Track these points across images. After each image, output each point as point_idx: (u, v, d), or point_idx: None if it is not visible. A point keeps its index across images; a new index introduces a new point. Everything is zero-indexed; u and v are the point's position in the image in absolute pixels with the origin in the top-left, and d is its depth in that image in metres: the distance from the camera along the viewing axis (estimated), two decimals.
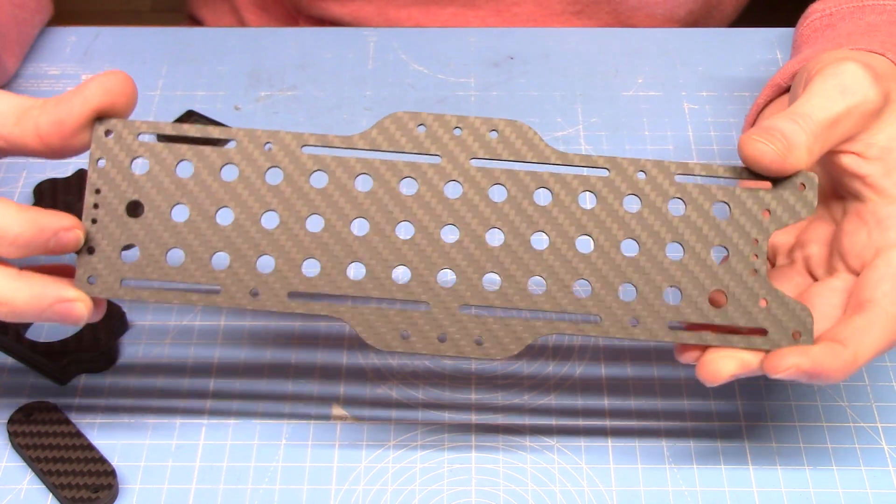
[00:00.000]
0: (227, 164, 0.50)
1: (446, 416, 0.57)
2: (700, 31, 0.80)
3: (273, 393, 0.58)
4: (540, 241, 0.50)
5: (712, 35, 0.80)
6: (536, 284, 0.50)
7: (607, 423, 0.57)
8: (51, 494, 0.54)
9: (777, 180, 0.50)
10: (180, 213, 0.50)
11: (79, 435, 0.55)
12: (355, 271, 0.51)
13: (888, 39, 0.56)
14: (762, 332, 0.50)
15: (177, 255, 0.50)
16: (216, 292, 0.50)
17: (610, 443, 0.56)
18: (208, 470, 0.55)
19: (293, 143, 0.50)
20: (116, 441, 0.56)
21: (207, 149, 0.50)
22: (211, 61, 0.77)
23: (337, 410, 0.57)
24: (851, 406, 0.58)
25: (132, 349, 0.60)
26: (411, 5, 0.81)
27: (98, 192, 0.50)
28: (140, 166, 0.50)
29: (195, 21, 0.92)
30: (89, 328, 0.59)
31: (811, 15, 0.65)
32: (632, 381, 0.59)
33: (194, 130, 0.50)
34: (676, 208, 0.50)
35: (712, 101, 0.74)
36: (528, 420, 0.57)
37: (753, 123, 0.60)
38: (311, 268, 0.51)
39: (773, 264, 0.56)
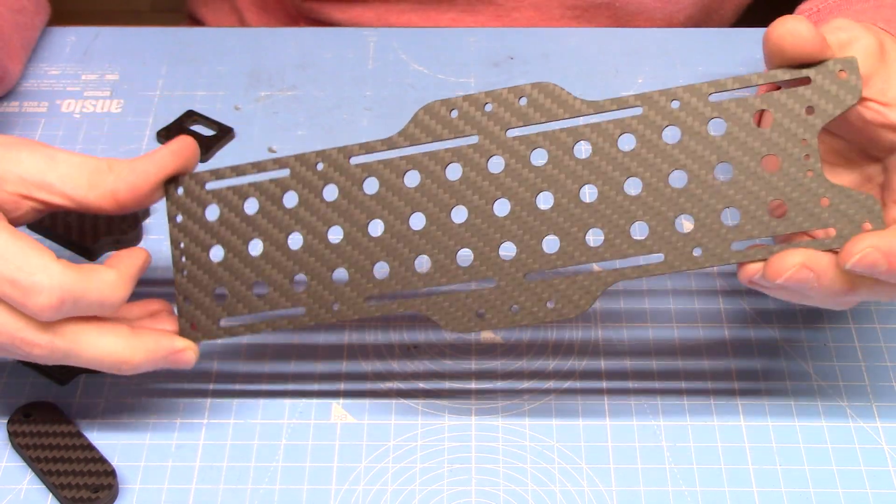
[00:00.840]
0: (286, 191, 0.53)
1: (446, 415, 0.57)
2: (700, 31, 0.80)
3: (273, 393, 0.58)
4: (589, 193, 0.51)
5: (712, 35, 0.80)
6: (595, 236, 0.51)
7: (607, 422, 0.57)
8: (51, 494, 0.54)
9: (814, 70, 0.49)
10: (255, 248, 0.53)
11: (79, 435, 0.55)
12: (422, 264, 0.52)
13: (877, 14, 0.57)
14: (831, 232, 0.49)
15: (261, 287, 0.53)
16: (300, 313, 0.53)
17: (609, 443, 0.56)
18: (208, 470, 0.55)
19: (340, 157, 0.52)
20: (116, 441, 0.56)
21: (267, 182, 0.53)
22: (211, 61, 0.77)
23: (337, 410, 0.57)
24: (851, 406, 0.58)
25: None
26: (411, 11, 0.81)
27: (181, 245, 0.53)
28: (211, 212, 0.53)
29: (195, 21, 0.92)
30: None
31: (800, 14, 0.65)
32: (631, 381, 0.59)
33: (248, 168, 0.53)
34: (718, 128, 0.50)
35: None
36: (528, 420, 0.57)
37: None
38: (381, 270, 0.52)
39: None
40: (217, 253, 0.53)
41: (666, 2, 0.81)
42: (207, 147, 0.70)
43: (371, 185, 0.52)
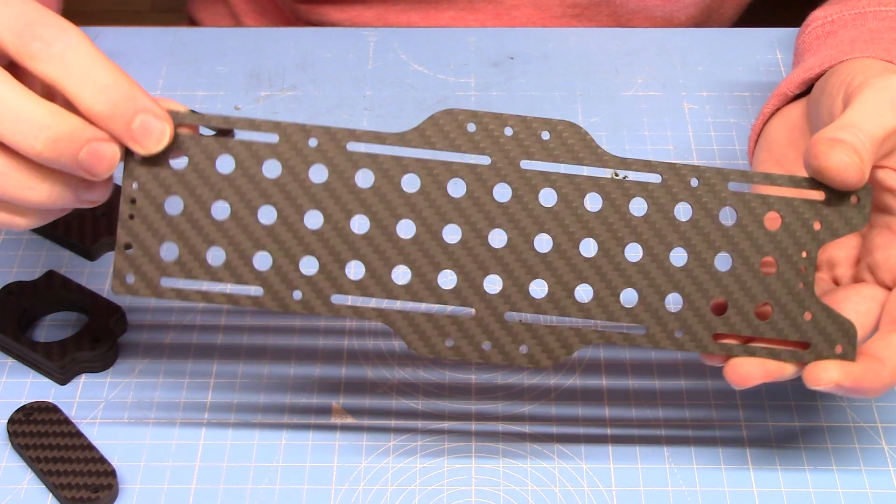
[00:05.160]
0: (269, 159, 0.49)
1: (446, 415, 0.57)
2: (700, 31, 0.80)
3: (273, 392, 0.58)
4: (590, 246, 0.49)
5: (712, 35, 0.80)
6: (585, 291, 0.50)
7: (607, 422, 0.57)
8: (51, 494, 0.54)
9: (831, 192, 0.49)
10: (221, 210, 0.49)
11: (79, 435, 0.55)
12: (401, 274, 0.49)
13: (892, 46, 0.56)
14: (805, 344, 0.49)
15: (217, 254, 0.49)
16: (258, 294, 0.49)
17: (610, 443, 0.56)
18: (208, 470, 0.55)
19: (339, 139, 0.49)
20: (116, 441, 0.56)
21: (249, 143, 0.49)
22: (211, 61, 0.77)
23: (337, 410, 0.58)
24: (851, 406, 0.58)
25: (132, 349, 0.60)
26: (410, 10, 0.81)
27: (134, 186, 0.48)
28: (178, 158, 0.49)
29: (194, 23, 0.92)
30: (89, 328, 0.59)
31: (812, 23, 0.64)
32: (632, 381, 0.59)
33: (242, 123, 0.48)
34: (729, 216, 0.50)
35: (712, 101, 0.74)
36: (528, 420, 0.57)
37: (759, 133, 0.60)
38: (355, 269, 0.49)
39: None
40: (174, 205, 0.49)
41: (666, 0, 0.81)
42: None
43: (365, 178, 0.49)
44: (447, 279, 0.49)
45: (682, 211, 0.49)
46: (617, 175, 0.50)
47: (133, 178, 0.48)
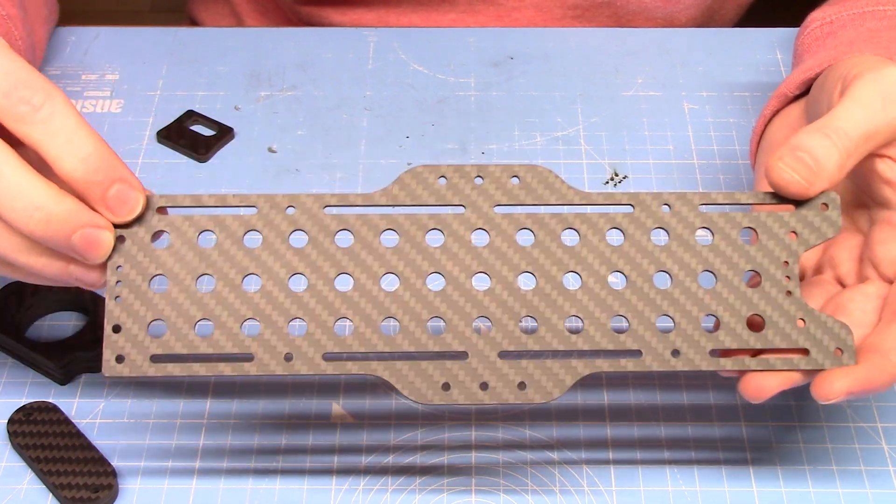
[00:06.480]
0: (249, 231, 0.50)
1: (446, 415, 0.57)
2: (700, 31, 0.80)
3: (273, 392, 0.58)
4: (572, 281, 0.50)
5: (712, 35, 0.80)
6: (573, 324, 0.50)
7: (607, 422, 0.57)
8: (51, 494, 0.54)
9: (800, 202, 0.50)
10: (206, 285, 0.50)
11: (79, 435, 0.55)
12: (389, 327, 0.50)
13: (891, 45, 0.56)
14: (803, 351, 0.50)
15: (205, 327, 0.50)
16: (249, 359, 0.49)
17: (610, 443, 0.56)
18: (208, 470, 0.55)
19: (314, 205, 0.50)
20: (116, 441, 0.56)
21: (228, 217, 0.50)
22: (211, 61, 0.77)
23: (337, 410, 0.58)
24: (851, 406, 0.58)
25: None
26: (412, 12, 0.82)
27: (119, 268, 0.49)
28: (160, 239, 0.50)
29: (195, 23, 0.92)
30: (89, 328, 0.59)
31: (811, 24, 0.64)
32: (632, 381, 0.59)
33: (212, 200, 0.50)
34: (704, 238, 0.50)
35: (712, 101, 0.74)
36: (528, 420, 0.57)
37: (761, 135, 0.60)
38: (343, 328, 0.50)
39: (801, 279, 0.55)
40: (160, 284, 0.50)
41: (667, 1, 0.81)
42: (207, 147, 0.70)
43: (344, 239, 0.50)
44: (435, 328, 0.50)
45: (658, 238, 0.50)
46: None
47: (116, 261, 0.49)
